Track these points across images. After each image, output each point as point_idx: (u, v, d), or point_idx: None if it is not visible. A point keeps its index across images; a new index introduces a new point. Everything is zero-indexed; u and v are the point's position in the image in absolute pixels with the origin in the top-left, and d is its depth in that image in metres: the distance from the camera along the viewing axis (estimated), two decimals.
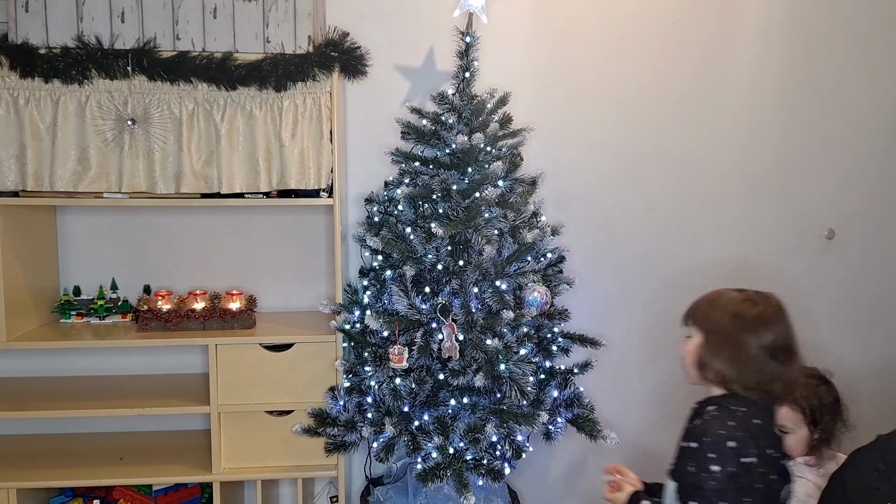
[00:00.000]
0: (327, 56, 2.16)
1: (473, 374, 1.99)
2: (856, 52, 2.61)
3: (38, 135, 2.09)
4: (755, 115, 2.63)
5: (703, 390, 1.58)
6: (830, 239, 2.69)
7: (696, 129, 2.62)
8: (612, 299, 2.67)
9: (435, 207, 2.13)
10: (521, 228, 2.18)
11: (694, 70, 2.59)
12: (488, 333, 2.02)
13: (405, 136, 2.31)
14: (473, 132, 2.12)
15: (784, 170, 2.66)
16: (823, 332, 2.74)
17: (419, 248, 2.13)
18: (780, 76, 2.61)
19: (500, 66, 2.48)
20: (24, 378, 2.43)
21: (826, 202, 2.68)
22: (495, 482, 2.07)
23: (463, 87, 2.19)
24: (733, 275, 2.70)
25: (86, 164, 2.11)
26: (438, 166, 2.20)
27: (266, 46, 2.16)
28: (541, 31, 2.53)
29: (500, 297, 2.07)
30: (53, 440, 2.41)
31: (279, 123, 2.17)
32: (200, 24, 2.13)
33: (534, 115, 2.49)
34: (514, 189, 2.25)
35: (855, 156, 2.67)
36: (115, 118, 2.11)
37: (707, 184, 2.65)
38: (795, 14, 2.58)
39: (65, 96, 2.08)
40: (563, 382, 2.23)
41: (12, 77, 2.06)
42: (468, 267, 2.08)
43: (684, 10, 2.55)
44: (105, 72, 2.07)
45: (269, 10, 2.15)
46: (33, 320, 2.30)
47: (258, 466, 2.28)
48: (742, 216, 2.67)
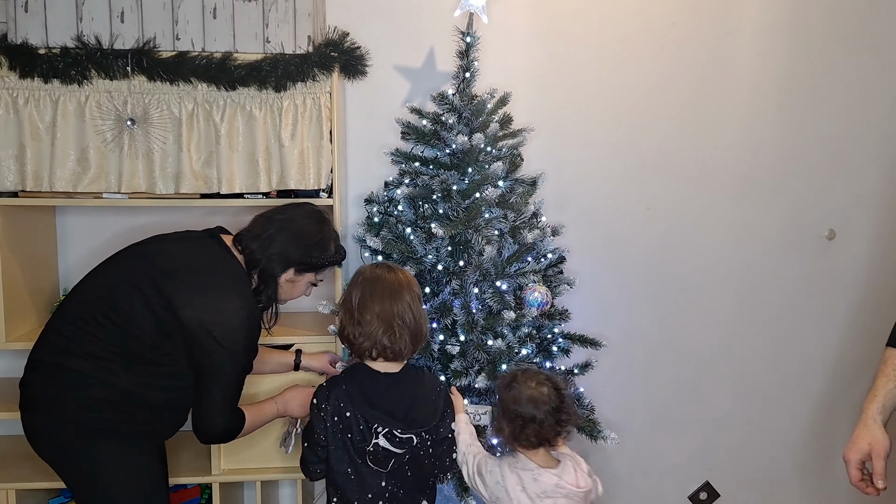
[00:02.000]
0: (327, 56, 2.16)
1: (475, 376, 1.98)
2: (856, 51, 2.61)
3: (37, 135, 2.09)
4: (755, 114, 2.62)
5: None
6: (831, 239, 2.69)
7: (697, 129, 2.62)
8: (612, 299, 2.67)
9: (435, 208, 2.13)
10: (522, 229, 2.18)
11: (694, 70, 2.58)
12: (489, 334, 2.02)
13: (405, 136, 2.31)
14: (474, 132, 2.11)
15: (784, 170, 2.66)
16: (824, 332, 2.74)
17: (419, 248, 2.12)
18: (780, 76, 2.61)
19: (500, 66, 2.48)
20: None
21: (826, 202, 2.68)
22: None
23: (463, 87, 2.19)
24: (734, 275, 2.70)
25: (85, 165, 2.11)
26: (438, 166, 2.19)
27: (266, 46, 2.15)
28: (541, 31, 2.52)
29: (500, 297, 2.06)
30: None
31: (279, 123, 2.16)
32: (200, 24, 2.13)
33: (534, 116, 2.49)
34: (514, 189, 2.24)
35: (855, 156, 2.66)
36: (114, 118, 2.11)
37: (707, 184, 2.65)
38: (795, 14, 2.58)
39: (64, 96, 2.08)
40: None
41: (11, 77, 2.05)
42: (468, 267, 2.08)
43: (684, 11, 2.55)
44: (104, 72, 2.07)
45: (269, 10, 2.14)
46: (32, 320, 2.30)
47: (258, 468, 2.28)
48: (742, 216, 2.67)
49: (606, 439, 2.11)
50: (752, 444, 2.79)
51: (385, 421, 1.64)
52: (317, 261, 1.86)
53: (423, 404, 1.69)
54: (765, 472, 2.81)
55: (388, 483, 1.66)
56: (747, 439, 2.78)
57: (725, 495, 2.81)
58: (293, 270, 1.85)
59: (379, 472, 1.66)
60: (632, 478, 2.76)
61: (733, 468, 2.80)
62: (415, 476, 1.70)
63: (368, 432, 1.63)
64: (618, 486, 2.76)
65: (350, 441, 1.65)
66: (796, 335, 2.74)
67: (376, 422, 1.64)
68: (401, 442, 1.64)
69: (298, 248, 1.83)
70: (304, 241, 1.84)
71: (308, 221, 1.87)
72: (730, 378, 2.75)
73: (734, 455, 2.79)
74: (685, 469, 2.80)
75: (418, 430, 1.66)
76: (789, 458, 2.80)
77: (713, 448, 2.78)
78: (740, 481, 2.81)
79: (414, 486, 1.70)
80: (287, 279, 1.86)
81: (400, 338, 1.65)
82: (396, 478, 1.67)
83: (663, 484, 2.78)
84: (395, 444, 1.64)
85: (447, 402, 1.74)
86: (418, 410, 1.68)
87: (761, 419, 2.77)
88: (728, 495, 2.82)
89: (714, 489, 2.81)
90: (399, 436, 1.64)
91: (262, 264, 1.81)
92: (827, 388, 2.77)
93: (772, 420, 2.77)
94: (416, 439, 1.65)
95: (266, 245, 1.80)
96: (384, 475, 1.65)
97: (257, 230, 1.83)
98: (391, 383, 1.69)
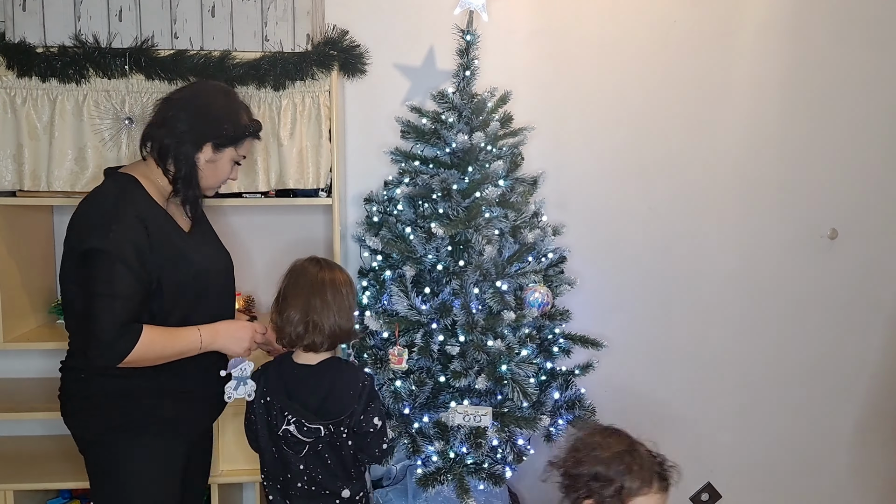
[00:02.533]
0: (326, 54, 2.15)
1: (475, 376, 1.97)
2: (857, 51, 2.59)
3: (35, 134, 2.08)
4: (756, 114, 2.61)
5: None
6: (833, 239, 2.67)
7: (697, 129, 2.61)
8: (614, 299, 2.65)
9: (435, 207, 2.12)
10: (522, 228, 2.17)
11: (695, 69, 2.57)
12: (489, 335, 2.01)
13: (405, 135, 2.30)
14: (474, 131, 2.10)
15: (785, 169, 2.64)
16: (826, 332, 2.73)
17: (419, 248, 2.11)
18: (781, 75, 2.59)
19: (500, 64, 2.47)
20: (20, 379, 2.41)
21: (828, 202, 2.66)
22: (496, 486, 2.06)
23: (463, 85, 2.18)
24: (735, 275, 2.69)
25: (83, 164, 2.10)
26: (438, 166, 2.18)
27: (264, 45, 2.14)
28: (542, 30, 2.51)
29: (500, 297, 2.05)
30: (51, 441, 2.39)
31: (277, 122, 2.15)
32: (199, 22, 2.12)
33: (534, 114, 2.47)
34: (514, 189, 2.23)
35: (858, 155, 2.65)
36: (112, 117, 2.10)
37: (708, 183, 2.64)
38: (796, 13, 2.56)
39: (62, 95, 2.07)
40: (564, 384, 2.22)
41: (9, 76, 2.05)
42: (468, 267, 2.07)
43: (685, 10, 2.54)
44: (102, 71, 2.06)
45: (268, 8, 2.13)
46: (30, 321, 2.29)
47: (257, 468, 2.25)
48: (743, 216, 2.66)
49: None
50: (754, 444, 2.77)
51: (295, 410, 1.69)
52: (232, 131, 1.70)
53: (337, 396, 1.71)
54: (766, 473, 2.80)
55: (307, 467, 1.71)
56: (749, 440, 2.77)
57: (727, 496, 2.80)
58: (210, 147, 1.68)
59: (297, 455, 1.71)
60: None
61: (735, 469, 2.78)
62: (334, 464, 1.73)
63: (281, 418, 1.70)
64: None
65: (268, 423, 1.73)
66: (798, 335, 2.72)
67: (287, 409, 1.69)
68: (308, 431, 1.68)
69: (208, 122, 1.67)
70: (213, 113, 1.68)
71: (213, 93, 1.73)
72: (732, 378, 2.73)
73: (736, 456, 2.77)
74: (687, 470, 2.77)
75: (329, 421, 1.68)
76: (791, 458, 2.79)
77: (715, 449, 2.76)
78: (742, 482, 2.79)
79: (334, 473, 1.73)
80: (206, 160, 1.69)
81: (315, 331, 1.68)
82: (315, 462, 1.72)
83: None
84: (302, 432, 1.69)
85: (371, 397, 1.75)
86: (332, 402, 1.70)
87: (763, 419, 2.76)
88: (730, 496, 2.80)
89: (716, 490, 2.79)
90: (307, 425, 1.68)
91: (173, 149, 1.64)
92: (829, 388, 2.75)
93: (773, 420, 2.76)
94: (324, 431, 1.68)
95: (172, 127, 1.64)
96: (301, 458, 1.71)
97: (159, 116, 1.67)
98: (308, 374, 1.73)
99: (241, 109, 1.75)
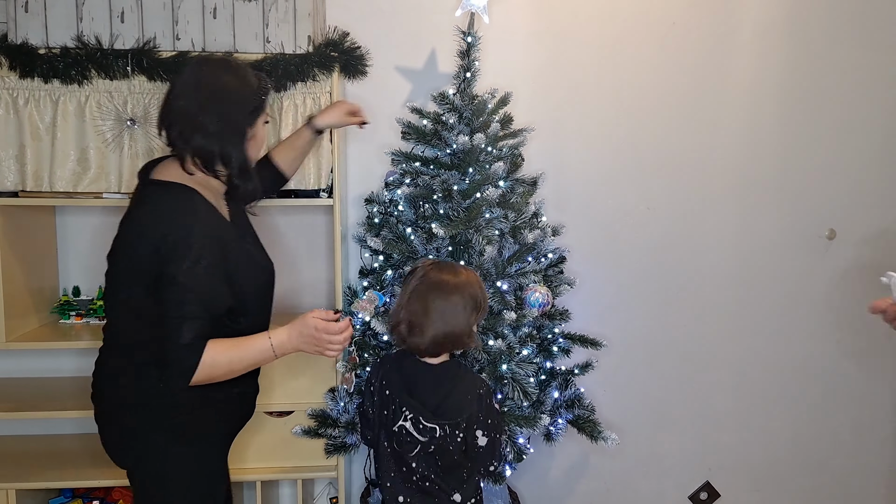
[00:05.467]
0: (327, 56, 2.16)
1: None
2: (856, 51, 2.60)
3: (37, 135, 2.09)
4: (755, 114, 2.62)
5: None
6: (832, 239, 2.68)
7: (697, 129, 2.62)
8: (613, 299, 2.67)
9: (436, 208, 2.13)
10: (522, 229, 2.18)
11: (694, 70, 2.58)
12: (490, 334, 2.02)
13: (406, 136, 2.31)
14: (474, 132, 2.11)
15: (784, 169, 2.65)
16: (824, 332, 2.74)
17: (420, 248, 2.12)
18: (780, 76, 2.60)
19: (501, 66, 2.48)
20: (23, 378, 2.42)
21: (827, 202, 2.68)
22: (496, 484, 2.07)
23: (464, 87, 2.19)
24: (734, 275, 2.70)
25: (85, 165, 2.11)
26: (439, 166, 2.19)
27: (266, 46, 2.15)
28: (542, 31, 2.52)
29: (501, 297, 2.06)
30: (53, 441, 2.41)
31: (279, 124, 2.16)
32: (200, 24, 2.13)
33: (534, 115, 2.49)
34: (514, 189, 2.24)
35: (856, 155, 2.66)
36: (114, 118, 2.10)
37: (707, 184, 2.65)
38: (795, 14, 2.57)
39: (64, 96, 2.08)
40: (563, 383, 2.23)
41: (12, 77, 2.05)
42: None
43: (684, 10, 2.55)
44: (105, 72, 2.07)
45: (269, 10, 2.14)
46: (32, 321, 2.30)
47: (258, 467, 2.28)
48: (742, 216, 2.67)
49: (607, 440, 2.11)
50: (753, 443, 2.79)
51: (414, 407, 1.70)
52: (257, 101, 1.62)
53: (457, 399, 1.72)
54: (765, 472, 2.81)
55: (419, 465, 1.71)
56: (748, 439, 2.78)
57: (726, 495, 2.81)
58: (249, 128, 1.62)
59: (408, 454, 1.71)
60: (632, 478, 2.76)
61: (734, 468, 2.80)
62: (445, 467, 1.72)
63: (399, 413, 1.71)
64: (618, 486, 2.76)
65: (385, 417, 1.74)
66: (796, 335, 2.73)
67: (406, 405, 1.70)
68: (424, 430, 1.68)
69: (233, 108, 1.58)
70: (232, 97, 1.58)
71: (217, 76, 1.59)
72: (730, 378, 2.75)
73: (734, 455, 2.79)
74: (685, 469, 2.79)
75: (445, 422, 1.68)
76: (790, 457, 2.80)
77: (713, 448, 2.78)
78: (740, 481, 2.81)
79: (446, 477, 1.73)
80: (249, 139, 1.63)
81: (416, 334, 1.69)
82: (428, 462, 1.71)
83: (663, 484, 2.78)
84: (418, 430, 1.69)
85: (487, 411, 1.74)
86: (451, 403, 1.71)
87: (761, 419, 2.77)
88: (728, 495, 2.82)
89: (714, 489, 2.81)
90: (424, 423, 1.68)
91: (217, 153, 1.56)
92: (827, 387, 2.76)
93: (772, 420, 2.77)
94: (440, 431, 1.68)
95: (205, 131, 1.54)
96: (412, 457, 1.71)
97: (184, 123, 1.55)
98: (429, 374, 1.74)
99: (248, 75, 1.63)
